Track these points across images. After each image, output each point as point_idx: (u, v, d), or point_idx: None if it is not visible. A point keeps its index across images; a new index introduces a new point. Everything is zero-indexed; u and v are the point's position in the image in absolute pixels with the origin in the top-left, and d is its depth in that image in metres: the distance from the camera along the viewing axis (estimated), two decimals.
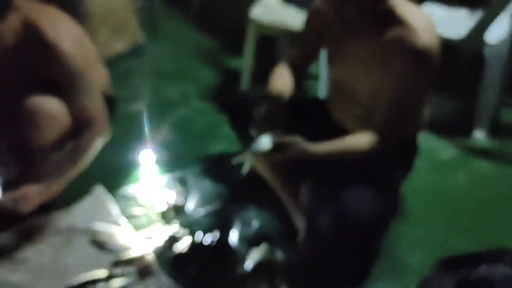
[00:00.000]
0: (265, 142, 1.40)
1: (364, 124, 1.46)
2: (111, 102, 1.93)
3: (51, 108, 1.57)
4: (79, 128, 1.62)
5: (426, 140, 2.18)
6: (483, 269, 0.63)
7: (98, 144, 1.66)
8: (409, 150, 1.63)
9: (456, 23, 2.13)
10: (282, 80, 1.60)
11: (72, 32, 1.60)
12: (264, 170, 1.74)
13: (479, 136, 2.18)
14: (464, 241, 1.69)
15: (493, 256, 0.66)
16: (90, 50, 1.71)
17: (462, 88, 2.48)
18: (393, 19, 1.33)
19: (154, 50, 2.96)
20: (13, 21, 1.48)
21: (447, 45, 2.19)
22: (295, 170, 1.69)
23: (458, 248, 1.66)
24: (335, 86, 1.64)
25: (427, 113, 1.58)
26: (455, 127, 2.27)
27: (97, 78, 1.70)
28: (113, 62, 2.73)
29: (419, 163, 2.03)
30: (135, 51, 2.87)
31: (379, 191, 1.44)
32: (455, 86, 2.57)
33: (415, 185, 1.90)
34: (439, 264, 0.71)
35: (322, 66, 2.20)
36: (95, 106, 1.64)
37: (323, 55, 1.88)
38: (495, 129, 2.21)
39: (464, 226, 1.76)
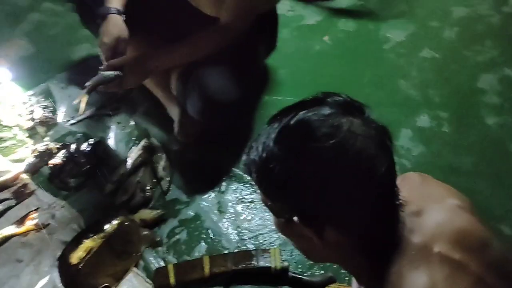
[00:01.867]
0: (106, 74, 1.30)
1: (218, 6, 1.43)
2: None
3: None
4: None
5: (293, 9, 2.20)
6: (302, 114, 0.66)
7: None
8: (270, 24, 1.64)
9: None
10: None
11: None
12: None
13: None
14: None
15: (316, 100, 0.69)
16: None
17: None
18: None
19: None
20: None
21: None
22: None
23: None
24: None
25: None
26: None
27: None
28: None
29: (287, 32, 2.07)
30: None
31: (241, 68, 1.47)
32: None
33: (285, 53, 1.94)
34: (270, 119, 0.72)
35: None
36: None
37: None
38: None
39: (331, 86, 1.85)
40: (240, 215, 1.45)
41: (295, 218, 0.67)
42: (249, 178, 1.53)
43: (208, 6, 1.51)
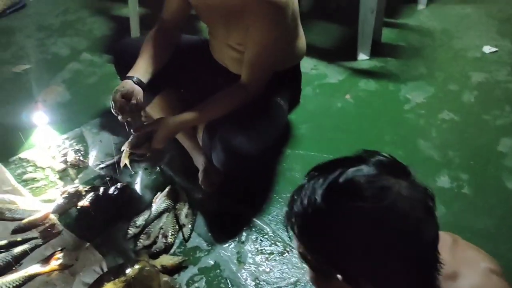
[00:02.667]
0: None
1: (240, 64, 1.54)
2: None
3: None
4: None
5: (316, 68, 2.30)
6: (350, 172, 0.68)
7: None
8: (291, 80, 1.74)
9: None
10: (144, 62, 1.58)
11: None
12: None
13: (363, 57, 2.32)
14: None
15: (359, 158, 0.71)
16: None
17: (346, 16, 2.59)
18: None
19: (36, 4, 2.75)
20: None
21: None
22: None
23: None
24: (210, 31, 1.68)
25: (302, 46, 1.66)
26: (342, 53, 2.39)
27: None
28: None
29: (310, 89, 2.16)
30: (14, 7, 2.66)
31: (262, 123, 1.56)
32: (340, 14, 2.68)
33: (308, 110, 2.02)
34: (311, 172, 0.74)
35: None
36: None
37: None
38: (377, 49, 2.36)
39: (353, 143, 1.90)
40: (259, 267, 1.46)
41: (334, 274, 0.68)
42: (269, 229, 1.56)
43: (232, 65, 1.64)
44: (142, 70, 1.55)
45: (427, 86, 2.17)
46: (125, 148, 1.49)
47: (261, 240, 1.54)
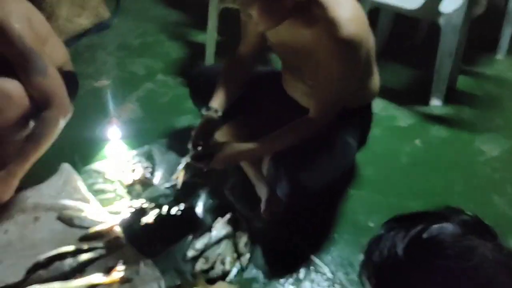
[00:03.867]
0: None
1: (310, 98, 1.56)
2: (72, 78, 1.93)
3: (7, 88, 1.56)
4: (39, 107, 1.62)
5: (385, 109, 2.27)
6: (434, 229, 0.67)
7: (59, 122, 1.66)
8: (362, 119, 1.73)
9: None
10: (222, 92, 1.66)
11: (19, 9, 1.57)
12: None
13: (436, 103, 2.26)
14: (419, 205, 1.78)
15: (442, 215, 0.70)
16: (42, 27, 1.69)
17: (420, 57, 2.55)
18: (318, 11, 1.37)
19: (119, 25, 2.93)
20: None
21: (404, 15, 2.26)
22: None
23: (412, 210, 1.75)
24: (283, 65, 1.72)
25: (375, 85, 1.66)
26: (414, 96, 2.35)
27: (53, 55, 1.69)
28: (77, 38, 2.71)
29: (378, 131, 2.12)
30: (100, 27, 2.84)
31: (330, 159, 1.55)
32: (414, 55, 2.65)
33: (374, 151, 1.98)
34: (389, 222, 0.74)
35: None
36: (52, 83, 1.63)
37: None
38: (451, 96, 2.30)
39: (420, 190, 1.85)
40: None
41: None
42: (327, 270, 1.52)
43: (303, 99, 1.66)
44: (220, 101, 1.63)
45: (503, 139, 2.07)
46: (183, 163, 1.60)
47: (319, 280, 1.50)
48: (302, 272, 1.52)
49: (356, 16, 1.39)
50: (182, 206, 1.70)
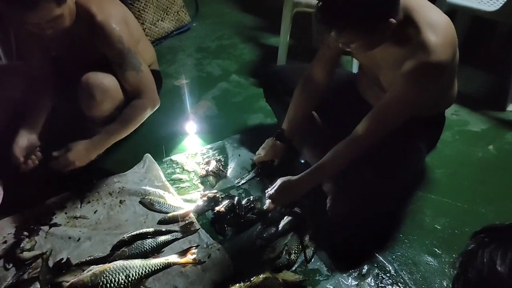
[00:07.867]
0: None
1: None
2: (158, 76, 2.11)
3: (104, 83, 1.75)
4: (131, 100, 1.80)
5: (457, 113, 2.23)
6: None
7: (147, 110, 1.82)
8: (436, 126, 1.74)
9: None
10: (294, 114, 1.78)
11: (118, 13, 1.74)
12: (296, 140, 1.87)
13: None
14: (490, 211, 1.75)
15: None
16: (136, 29, 1.86)
17: (498, 62, 2.47)
18: (412, 31, 1.35)
19: (198, 28, 3.12)
20: (68, 5, 1.58)
21: (481, 18, 2.20)
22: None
23: (482, 216, 1.73)
24: (362, 68, 1.76)
25: (453, 95, 1.65)
26: (489, 101, 2.29)
27: (143, 55, 1.86)
28: (160, 40, 2.93)
29: (449, 134, 2.09)
30: (181, 30, 3.05)
31: (401, 165, 1.57)
32: (491, 60, 2.56)
33: (445, 155, 1.96)
34: (480, 235, 0.72)
35: None
36: (145, 78, 1.80)
37: None
38: None
39: (489, 195, 1.81)
40: None
41: None
42: (391, 268, 1.55)
43: (375, 102, 1.64)
44: (291, 124, 1.80)
45: None
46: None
47: (382, 277, 1.53)
48: (365, 268, 1.56)
49: (447, 42, 1.35)
50: (252, 198, 1.80)
